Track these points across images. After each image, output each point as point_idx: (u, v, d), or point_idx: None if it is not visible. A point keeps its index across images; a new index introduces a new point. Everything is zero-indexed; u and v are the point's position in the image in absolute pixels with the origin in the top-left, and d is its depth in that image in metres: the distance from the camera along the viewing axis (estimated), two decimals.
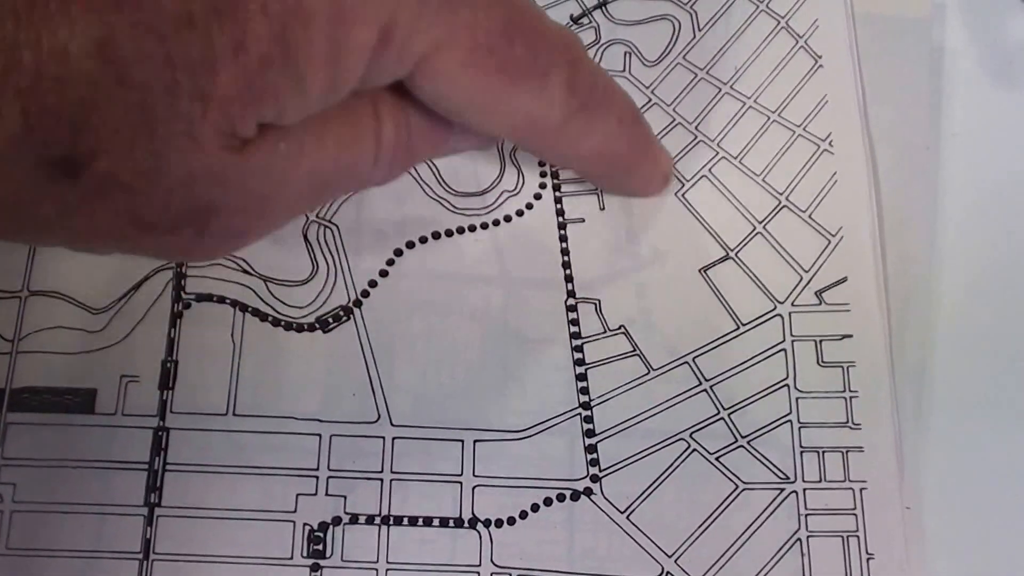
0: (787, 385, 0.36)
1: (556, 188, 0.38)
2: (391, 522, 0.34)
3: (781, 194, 0.38)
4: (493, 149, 0.38)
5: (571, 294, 0.37)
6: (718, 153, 0.39)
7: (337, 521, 0.34)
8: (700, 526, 0.35)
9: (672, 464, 0.35)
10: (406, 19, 0.25)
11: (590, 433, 0.35)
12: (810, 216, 0.38)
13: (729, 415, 0.36)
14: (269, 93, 0.24)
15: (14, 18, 0.21)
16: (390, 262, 0.37)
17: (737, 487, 0.35)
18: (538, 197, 0.38)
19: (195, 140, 0.24)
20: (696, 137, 0.39)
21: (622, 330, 0.37)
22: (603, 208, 0.38)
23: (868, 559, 0.34)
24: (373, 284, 0.37)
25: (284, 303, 0.37)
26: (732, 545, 0.34)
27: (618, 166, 0.36)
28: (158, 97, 0.23)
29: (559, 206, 0.38)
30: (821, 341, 0.37)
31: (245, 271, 0.37)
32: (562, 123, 0.31)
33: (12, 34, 0.21)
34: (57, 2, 0.21)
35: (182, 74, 0.22)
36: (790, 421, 0.36)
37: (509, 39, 0.28)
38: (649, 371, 0.36)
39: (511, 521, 0.35)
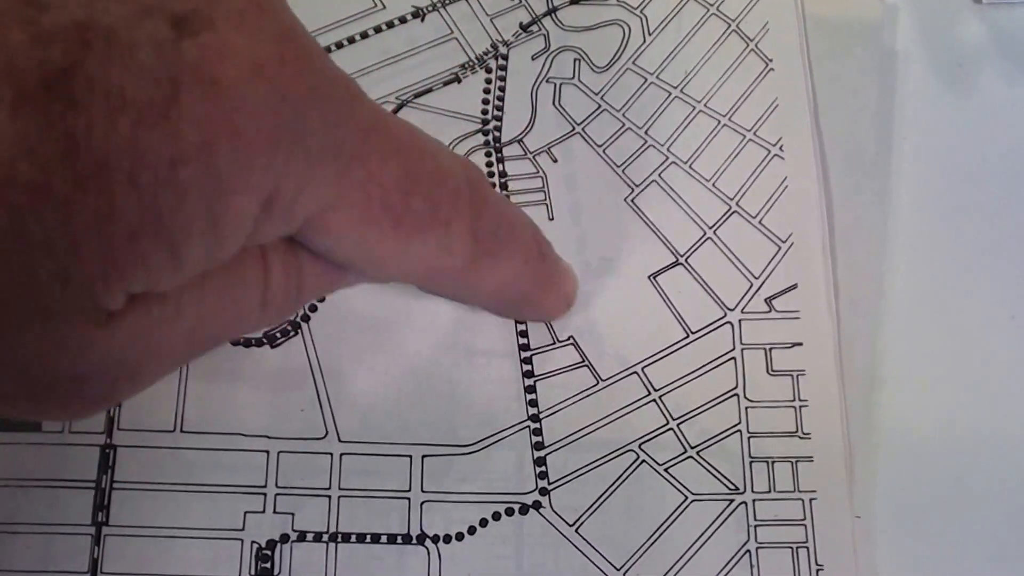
0: (736, 394, 0.36)
1: None
2: (339, 539, 0.34)
3: (731, 199, 0.38)
4: None
5: None
6: (668, 158, 0.39)
7: (285, 539, 0.34)
8: (649, 538, 0.34)
9: (621, 476, 0.35)
10: (292, 184, 0.23)
11: (539, 446, 0.35)
12: (760, 222, 0.38)
13: (678, 425, 0.36)
14: (139, 266, 0.22)
15: None
16: None
17: (686, 498, 0.35)
18: None
19: (53, 317, 0.22)
20: (646, 142, 0.39)
21: (571, 341, 0.36)
22: (552, 218, 0.38)
23: (818, 570, 0.34)
24: (321, 299, 0.36)
25: None
26: (681, 557, 0.34)
27: (523, 302, 0.35)
28: (12, 275, 0.20)
29: None
30: (771, 349, 0.36)
31: None
32: (464, 269, 0.30)
33: None
34: None
35: (39, 251, 0.20)
36: (739, 431, 0.36)
37: (405, 192, 0.26)
38: (598, 382, 0.36)
39: (460, 537, 0.34)
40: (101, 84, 0.20)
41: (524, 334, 0.36)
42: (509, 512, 0.35)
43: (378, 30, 0.40)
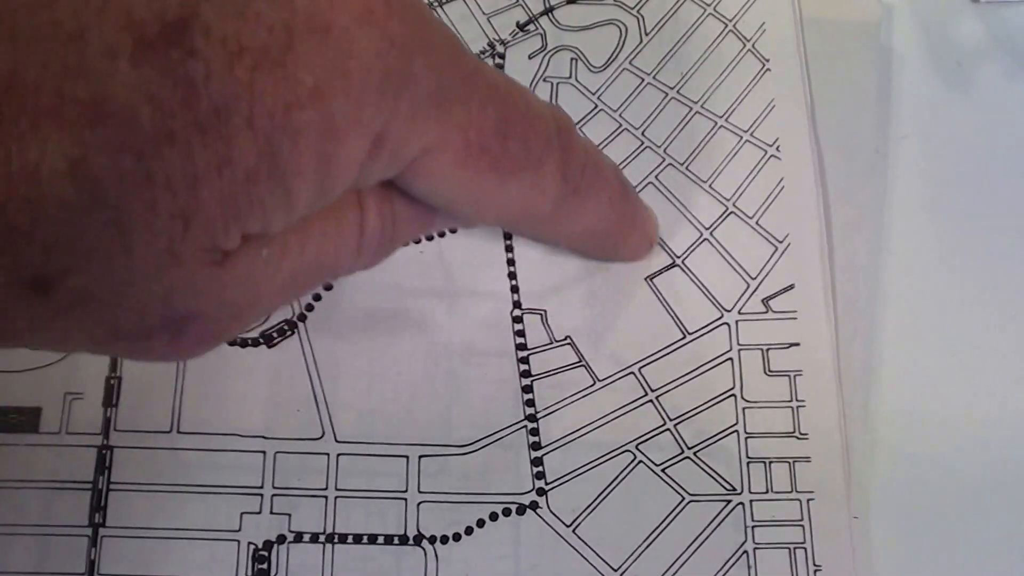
0: (734, 395, 0.36)
1: None
2: (336, 540, 0.34)
3: (728, 200, 0.38)
4: None
5: (517, 305, 0.37)
6: (664, 159, 0.39)
7: (282, 539, 0.34)
8: (646, 539, 0.34)
9: (618, 476, 0.35)
10: (399, 126, 0.24)
11: (536, 446, 0.35)
12: (757, 222, 0.38)
13: (675, 426, 0.36)
14: (255, 208, 0.23)
15: None
16: None
17: (683, 499, 0.35)
18: None
19: (175, 256, 0.22)
20: (642, 143, 0.39)
21: (568, 341, 0.36)
22: None
23: (815, 571, 0.34)
24: (317, 298, 0.36)
25: None
26: (679, 558, 0.34)
27: (608, 241, 0.36)
28: (136, 217, 0.21)
29: None
30: (768, 350, 0.36)
31: None
32: (554, 209, 0.31)
33: None
34: (27, 119, 0.20)
35: (162, 192, 0.21)
36: (736, 432, 0.36)
37: (502, 136, 0.27)
38: (595, 382, 0.36)
39: (456, 537, 0.34)
40: (217, 32, 0.21)
41: (521, 334, 0.36)
42: (506, 513, 0.35)
43: None
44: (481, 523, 0.34)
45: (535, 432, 0.35)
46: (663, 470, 0.35)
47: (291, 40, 0.21)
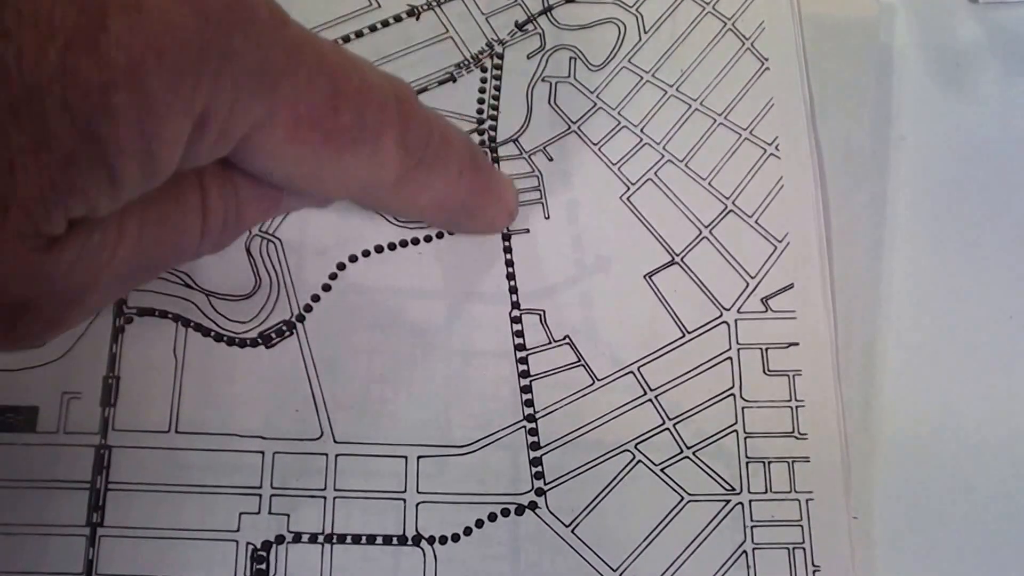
0: (733, 394, 0.36)
1: None
2: (334, 540, 0.34)
3: (727, 198, 0.38)
4: None
5: (515, 305, 0.37)
6: (664, 156, 0.39)
7: (280, 540, 0.34)
8: (646, 539, 0.34)
9: (617, 476, 0.35)
10: (222, 104, 0.24)
11: (535, 446, 0.35)
12: (756, 221, 0.38)
13: (674, 425, 0.36)
14: (77, 190, 0.22)
15: None
16: (333, 276, 0.37)
17: (682, 499, 0.35)
18: None
19: None
20: (641, 140, 0.39)
21: (567, 340, 0.36)
22: (548, 217, 0.38)
23: (814, 571, 0.34)
24: (316, 299, 0.36)
25: (227, 318, 0.36)
26: (678, 558, 0.34)
27: (460, 213, 0.35)
28: None
29: None
30: (767, 349, 0.36)
31: (187, 285, 0.36)
32: (398, 181, 0.30)
33: None
34: None
35: None
36: (736, 431, 0.36)
37: (334, 108, 0.27)
38: (594, 382, 0.36)
39: (455, 538, 0.34)
40: (30, 12, 0.20)
41: (520, 334, 0.36)
42: (505, 513, 0.35)
43: (373, 29, 0.40)
44: (480, 523, 0.34)
45: (534, 432, 0.35)
46: (662, 470, 0.35)
47: (104, 19, 0.21)
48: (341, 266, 0.37)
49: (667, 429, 0.35)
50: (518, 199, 0.37)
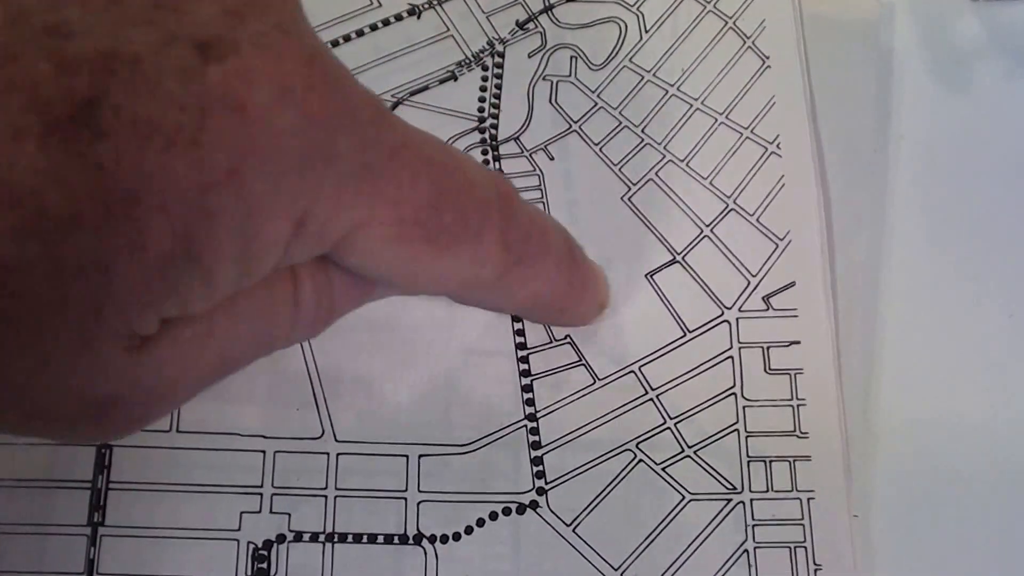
0: (734, 394, 0.36)
1: None
2: (336, 539, 0.34)
3: (728, 197, 0.38)
4: None
5: None
6: (665, 156, 0.39)
7: (281, 539, 0.34)
8: (647, 538, 0.34)
9: (618, 475, 0.35)
10: (323, 206, 0.23)
11: (536, 445, 0.35)
12: (758, 220, 0.38)
13: (676, 425, 0.36)
14: (171, 292, 0.22)
15: None
16: None
17: (684, 498, 0.35)
18: None
19: (87, 344, 0.22)
20: (642, 140, 0.39)
21: (567, 340, 0.36)
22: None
23: (816, 569, 0.34)
24: None
25: None
26: (679, 558, 0.34)
27: (556, 307, 0.35)
28: (44, 305, 0.20)
29: None
30: (768, 348, 0.36)
31: None
32: (497, 279, 0.29)
33: None
34: None
35: (70, 279, 0.20)
36: (737, 430, 0.35)
37: (437, 209, 0.26)
38: (595, 381, 0.36)
39: (456, 536, 0.34)
40: (128, 113, 0.20)
41: (521, 333, 0.36)
42: (506, 512, 0.35)
43: (374, 28, 0.40)
44: (481, 522, 0.34)
45: (535, 431, 0.35)
46: (663, 469, 0.35)
47: (205, 120, 0.21)
48: None
49: (668, 428, 0.35)
50: (609, 290, 0.36)
